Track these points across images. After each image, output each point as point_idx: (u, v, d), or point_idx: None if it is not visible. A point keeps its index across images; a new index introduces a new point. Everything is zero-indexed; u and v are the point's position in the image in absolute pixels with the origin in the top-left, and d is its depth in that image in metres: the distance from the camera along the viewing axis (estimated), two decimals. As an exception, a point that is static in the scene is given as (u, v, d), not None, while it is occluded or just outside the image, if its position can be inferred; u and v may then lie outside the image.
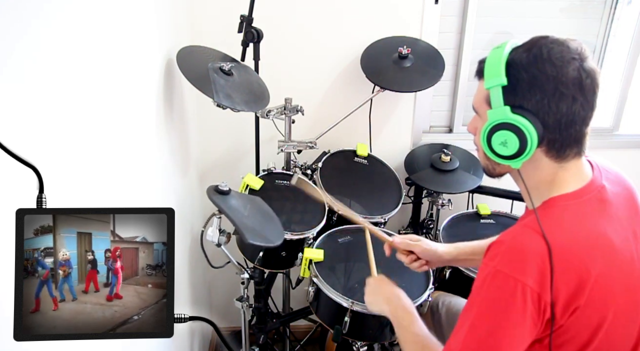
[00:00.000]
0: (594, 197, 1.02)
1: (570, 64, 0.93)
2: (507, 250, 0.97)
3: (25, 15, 0.71)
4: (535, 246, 0.93)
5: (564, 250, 0.93)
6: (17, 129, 0.69)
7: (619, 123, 2.31)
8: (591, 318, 0.96)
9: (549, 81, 0.93)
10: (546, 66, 0.93)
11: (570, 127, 0.97)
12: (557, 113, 0.95)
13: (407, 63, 1.88)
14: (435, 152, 2.04)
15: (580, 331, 0.97)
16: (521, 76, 0.95)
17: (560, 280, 0.92)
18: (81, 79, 0.90)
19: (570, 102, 0.94)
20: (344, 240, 1.66)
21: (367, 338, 1.50)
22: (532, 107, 0.95)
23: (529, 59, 0.95)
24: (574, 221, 0.98)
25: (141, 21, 1.30)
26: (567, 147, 1.00)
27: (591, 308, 0.95)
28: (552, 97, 0.94)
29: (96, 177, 0.97)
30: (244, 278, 1.63)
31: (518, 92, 0.96)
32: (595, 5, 2.13)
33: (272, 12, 1.84)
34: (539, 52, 0.95)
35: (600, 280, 0.94)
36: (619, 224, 1.01)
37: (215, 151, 2.13)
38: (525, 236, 0.96)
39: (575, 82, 0.94)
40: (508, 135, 0.97)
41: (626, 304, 0.99)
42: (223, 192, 1.37)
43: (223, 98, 1.43)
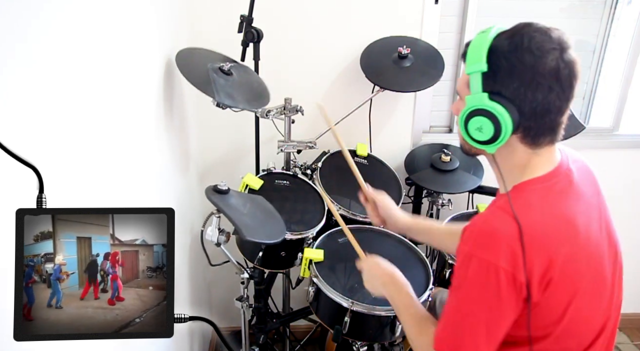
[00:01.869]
0: (562, 179, 1.05)
1: (549, 53, 0.95)
2: (479, 233, 1.00)
3: (25, 15, 0.71)
4: (506, 227, 0.96)
5: (534, 230, 0.96)
6: (17, 129, 0.69)
7: (619, 123, 2.31)
8: (562, 295, 0.99)
9: (527, 70, 0.95)
10: (525, 55, 0.95)
11: (545, 116, 0.99)
12: (532, 102, 0.97)
13: (407, 63, 1.88)
14: (435, 152, 2.04)
15: (552, 308, 1.00)
16: (501, 63, 0.97)
17: (532, 260, 0.95)
18: (81, 79, 0.90)
19: (547, 92, 0.96)
20: (344, 240, 1.66)
21: (367, 338, 1.50)
22: (510, 95, 0.97)
23: (510, 46, 0.97)
24: (543, 203, 1.02)
25: (141, 21, 1.30)
26: (542, 135, 1.02)
27: (562, 285, 0.98)
28: (529, 85, 0.96)
29: (96, 177, 0.97)
30: (243, 278, 1.63)
31: (497, 79, 0.98)
32: (595, 5, 2.13)
33: (272, 12, 1.84)
34: (520, 41, 0.96)
35: (569, 258, 0.98)
36: (584, 204, 1.05)
37: (215, 151, 2.13)
38: (497, 218, 1.00)
39: (553, 73, 0.95)
40: (484, 122, 0.99)
41: (591, 281, 1.03)
42: (222, 191, 1.37)
43: (224, 97, 1.43)
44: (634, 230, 2.25)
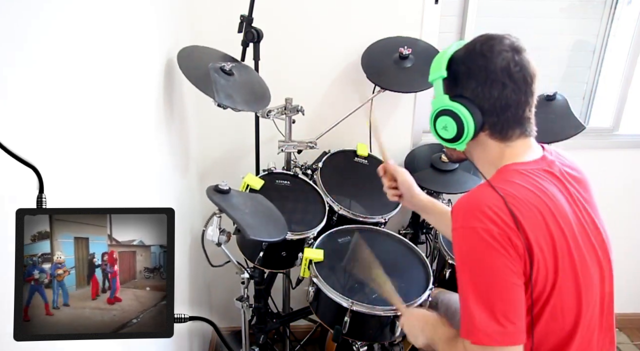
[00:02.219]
0: (543, 168, 1.11)
1: (500, 54, 1.05)
2: (465, 207, 1.06)
3: (25, 15, 0.71)
4: (490, 198, 1.03)
5: (516, 198, 1.03)
6: (17, 129, 0.69)
7: (619, 123, 2.31)
8: (547, 270, 1.03)
9: (481, 70, 1.06)
10: (478, 58, 1.07)
11: (506, 110, 1.07)
12: (490, 98, 1.06)
13: (408, 63, 1.88)
14: (435, 152, 2.04)
15: (543, 284, 1.03)
16: (460, 69, 1.09)
17: (523, 222, 1.00)
18: (81, 79, 0.90)
19: (501, 88, 1.05)
20: (344, 240, 1.66)
21: (367, 338, 1.50)
22: (470, 95, 1.08)
23: (465, 53, 1.09)
24: (522, 179, 1.08)
25: (141, 21, 1.30)
26: (509, 129, 1.10)
27: (546, 259, 1.02)
28: (484, 84, 1.06)
29: (96, 177, 0.97)
30: (244, 278, 1.63)
31: (458, 83, 1.10)
32: (595, 5, 2.13)
33: (272, 12, 1.84)
34: (473, 47, 1.08)
35: (551, 228, 1.03)
36: (567, 194, 1.10)
37: (215, 151, 2.13)
38: (480, 192, 1.07)
39: (504, 70, 1.05)
40: (447, 120, 1.10)
41: (571, 270, 1.06)
42: (223, 191, 1.37)
43: (224, 98, 1.43)
44: (633, 230, 2.24)
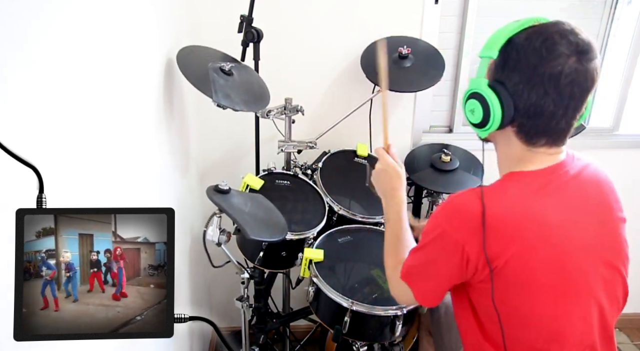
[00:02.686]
0: (553, 178, 1.05)
1: (557, 59, 0.96)
2: (447, 205, 1.08)
3: (25, 15, 0.71)
4: (472, 205, 1.02)
5: (496, 214, 1.00)
6: (17, 129, 0.69)
7: (619, 123, 2.31)
8: (515, 283, 1.03)
9: (529, 68, 0.97)
10: (532, 54, 0.97)
11: (537, 118, 1.00)
12: (527, 100, 0.98)
13: (407, 63, 1.88)
14: (435, 152, 2.04)
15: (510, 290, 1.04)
16: (511, 55, 0.99)
17: (489, 239, 0.99)
18: (81, 79, 0.90)
19: (542, 94, 0.97)
20: (344, 240, 1.66)
21: (367, 338, 1.50)
22: (511, 88, 0.99)
23: (524, 41, 0.99)
24: (518, 194, 1.04)
25: (140, 21, 1.30)
26: (535, 136, 1.03)
27: (514, 274, 1.01)
28: (527, 83, 0.98)
29: (96, 177, 0.97)
30: (244, 278, 1.63)
31: (504, 69, 1.00)
32: (595, 5, 2.13)
33: (272, 12, 1.84)
34: (535, 38, 0.98)
35: (526, 249, 1.00)
36: (571, 207, 1.06)
37: (215, 151, 2.13)
38: (466, 196, 1.05)
39: (552, 78, 0.96)
40: (476, 105, 1.03)
41: (555, 281, 1.03)
42: (223, 191, 1.37)
43: (222, 98, 1.43)
44: (634, 230, 2.24)
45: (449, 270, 1.08)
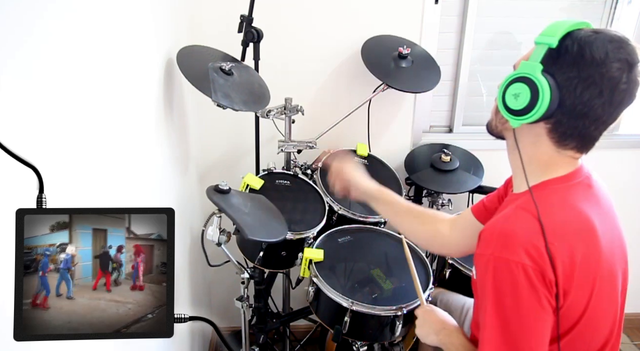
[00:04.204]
0: (582, 182, 1.05)
1: (620, 62, 0.92)
2: (499, 234, 0.97)
3: (25, 16, 0.71)
4: (528, 226, 0.94)
5: (555, 228, 0.94)
6: (17, 129, 0.69)
7: (619, 123, 2.31)
8: (583, 293, 0.98)
9: (591, 66, 0.92)
10: (598, 51, 0.92)
11: (580, 119, 0.96)
12: (577, 98, 0.94)
13: (406, 63, 1.88)
14: (435, 152, 2.04)
15: (574, 307, 0.98)
16: (572, 48, 0.94)
17: (556, 259, 0.92)
18: (81, 79, 0.90)
19: (596, 95, 0.93)
20: (344, 240, 1.66)
21: (367, 338, 1.50)
22: (562, 81, 0.94)
23: (590, 37, 0.94)
24: (563, 203, 1.00)
25: (140, 21, 1.30)
26: (570, 137, 1.00)
27: (580, 289, 0.97)
28: (584, 81, 0.93)
29: (96, 177, 0.97)
30: (244, 278, 1.63)
31: (560, 60, 0.95)
32: (595, 5, 2.13)
33: (272, 12, 1.84)
34: (603, 38, 0.93)
35: (585, 260, 0.96)
36: (601, 211, 1.04)
37: (215, 151, 2.13)
38: (519, 218, 0.97)
39: (612, 81, 0.92)
40: (524, 90, 0.96)
41: (606, 283, 1.02)
42: (223, 190, 1.37)
43: (221, 97, 1.43)
44: (634, 230, 2.24)
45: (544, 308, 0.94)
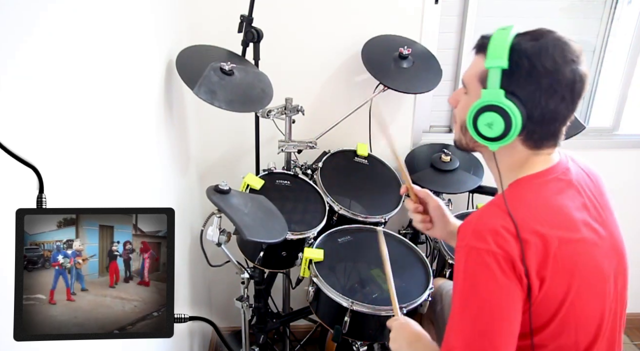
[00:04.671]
0: (558, 177, 1.06)
1: (569, 64, 0.96)
2: (475, 227, 0.99)
3: (25, 16, 0.71)
4: (500, 221, 0.97)
5: (527, 222, 0.96)
6: (17, 129, 0.69)
7: (619, 123, 2.31)
8: (559, 282, 0.98)
9: (547, 76, 0.96)
10: (548, 60, 0.95)
11: (551, 124, 1.01)
12: (544, 108, 0.98)
13: (407, 64, 1.88)
14: (435, 152, 2.04)
15: (550, 297, 0.99)
16: (523, 63, 0.96)
17: (528, 250, 0.94)
18: (81, 79, 0.90)
19: (559, 101, 0.97)
20: (344, 240, 1.66)
21: (367, 338, 1.50)
22: (524, 96, 0.97)
23: (534, 48, 0.97)
24: (538, 197, 1.03)
25: (140, 21, 1.30)
26: (544, 140, 1.04)
27: (557, 277, 0.97)
28: (545, 92, 0.96)
29: (96, 177, 0.97)
30: (244, 278, 1.63)
31: (515, 79, 0.98)
32: (595, 5, 2.13)
33: (272, 12, 1.84)
34: (546, 45, 0.96)
35: (563, 247, 0.97)
36: (580, 202, 1.05)
37: (215, 151, 2.13)
38: (491, 213, 1.00)
39: (569, 83, 0.96)
40: (495, 119, 0.99)
41: (588, 279, 1.02)
42: (223, 191, 1.37)
43: (203, 92, 1.43)
44: (634, 230, 2.24)
45: (513, 301, 0.95)
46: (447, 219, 1.32)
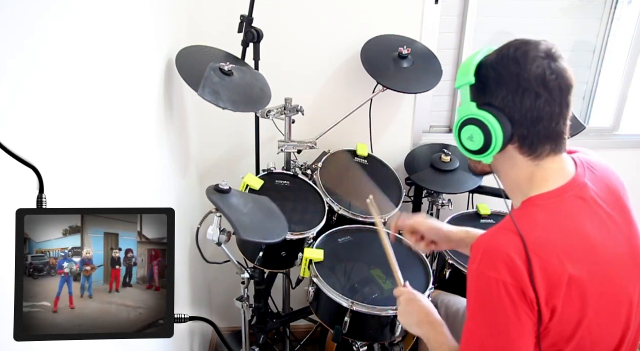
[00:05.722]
0: (575, 194, 1.04)
1: (534, 61, 0.97)
2: (484, 251, 0.99)
3: (26, 16, 0.71)
4: (510, 244, 0.96)
5: (538, 245, 0.95)
6: (17, 129, 0.69)
7: (619, 123, 2.31)
8: (571, 316, 0.98)
9: (512, 77, 0.98)
10: (510, 63, 0.98)
11: (537, 123, 0.99)
12: (521, 109, 0.98)
13: (406, 63, 1.88)
14: (435, 152, 2.04)
15: (563, 325, 0.98)
16: (489, 74, 1.00)
17: (538, 276, 0.94)
18: (81, 79, 0.90)
19: (534, 98, 0.97)
20: (344, 240, 1.66)
21: (367, 338, 1.50)
22: (499, 104, 0.99)
23: (497, 58, 1.00)
24: (552, 219, 1.01)
25: (140, 21, 1.30)
26: (539, 144, 1.02)
27: (570, 306, 0.96)
28: (516, 92, 0.97)
29: (96, 177, 0.97)
30: (244, 278, 1.63)
31: (486, 90, 1.01)
32: (595, 5, 2.13)
33: (272, 12, 1.84)
34: (506, 51, 0.99)
35: (577, 278, 0.96)
36: (600, 219, 1.04)
37: (215, 151, 2.13)
38: (501, 235, 0.99)
39: (539, 78, 0.96)
40: (473, 130, 1.02)
41: (607, 302, 1.01)
42: (223, 190, 1.37)
43: (208, 93, 1.43)
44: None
45: (523, 331, 0.96)
46: (445, 233, 1.37)
